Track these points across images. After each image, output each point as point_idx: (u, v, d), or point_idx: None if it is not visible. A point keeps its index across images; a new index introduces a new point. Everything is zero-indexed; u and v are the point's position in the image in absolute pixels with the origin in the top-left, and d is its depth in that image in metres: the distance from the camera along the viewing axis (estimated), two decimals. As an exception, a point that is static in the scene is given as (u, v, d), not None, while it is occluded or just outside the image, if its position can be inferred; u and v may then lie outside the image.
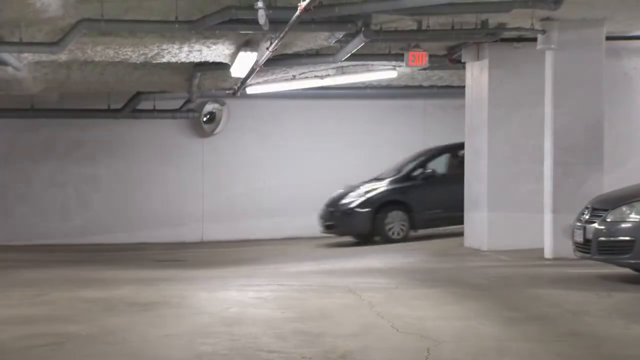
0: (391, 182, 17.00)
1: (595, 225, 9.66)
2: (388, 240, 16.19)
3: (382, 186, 17.00)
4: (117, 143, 19.14)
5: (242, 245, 17.63)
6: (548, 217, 12.58)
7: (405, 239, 16.19)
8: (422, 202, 16.49)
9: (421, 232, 16.47)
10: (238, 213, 19.12)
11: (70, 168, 18.88)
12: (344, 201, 16.89)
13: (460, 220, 15.09)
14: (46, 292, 9.42)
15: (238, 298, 8.76)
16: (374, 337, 6.56)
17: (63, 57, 13.11)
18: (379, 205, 16.51)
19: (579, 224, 9.98)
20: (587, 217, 9.88)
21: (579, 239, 9.89)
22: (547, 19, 12.14)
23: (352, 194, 16.98)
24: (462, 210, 14.83)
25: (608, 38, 12.71)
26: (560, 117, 12.45)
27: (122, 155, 19.07)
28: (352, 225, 16.98)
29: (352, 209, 16.66)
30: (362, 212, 16.54)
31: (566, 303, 8.19)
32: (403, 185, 16.94)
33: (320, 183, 19.23)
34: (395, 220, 16.44)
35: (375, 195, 16.77)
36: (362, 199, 16.71)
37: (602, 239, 9.56)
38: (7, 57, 12.48)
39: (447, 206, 16.07)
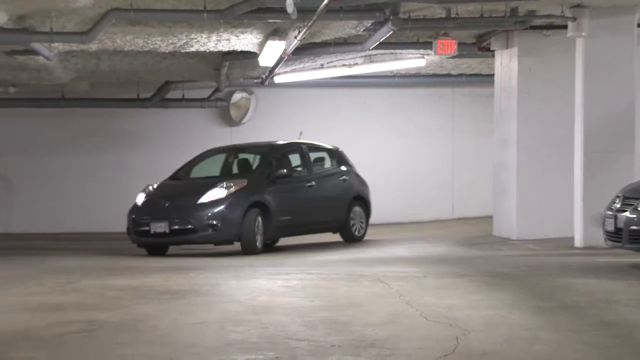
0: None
1: (627, 214, 9.64)
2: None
3: None
4: (146, 132, 19.23)
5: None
6: (578, 206, 12.53)
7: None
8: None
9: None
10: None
11: (100, 156, 18.99)
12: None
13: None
14: (77, 280, 9.51)
15: (267, 286, 8.80)
16: (402, 325, 6.56)
17: (93, 46, 13.21)
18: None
19: (610, 212, 9.95)
20: (618, 205, 9.86)
21: (610, 227, 9.86)
22: (578, 6, 12.07)
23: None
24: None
25: (640, 25, 12.62)
26: (591, 105, 12.39)
27: (151, 143, 19.15)
28: None
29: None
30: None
31: (597, 292, 8.16)
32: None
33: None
34: None
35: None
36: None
37: (634, 227, 9.54)
38: (38, 46, 12.58)
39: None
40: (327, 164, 15.49)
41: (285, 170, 14.11)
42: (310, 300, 7.82)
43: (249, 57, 14.82)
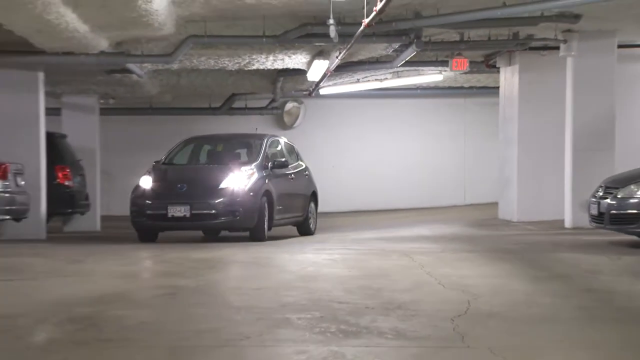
0: None
1: (608, 200, 9.57)
2: None
3: None
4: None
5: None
6: (568, 194, 12.47)
7: None
8: None
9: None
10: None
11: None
12: None
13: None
14: (164, 253, 9.60)
15: (313, 259, 8.81)
16: (424, 291, 6.55)
17: (175, 66, 13.32)
18: None
19: (594, 199, 9.89)
20: (601, 194, 9.79)
21: (594, 212, 9.80)
22: (568, 30, 11.98)
23: None
24: None
25: (619, 46, 12.52)
26: (578, 112, 12.35)
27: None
28: None
29: None
30: None
31: (583, 264, 8.10)
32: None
33: (376, 166, 19.31)
34: None
35: None
36: None
37: (614, 212, 9.48)
38: (132, 66, 12.72)
39: None
40: (293, 158, 12.97)
41: (283, 159, 12.02)
42: (348, 270, 7.84)
43: (299, 73, 14.86)
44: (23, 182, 11.68)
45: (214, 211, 10.63)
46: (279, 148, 12.52)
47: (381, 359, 4.43)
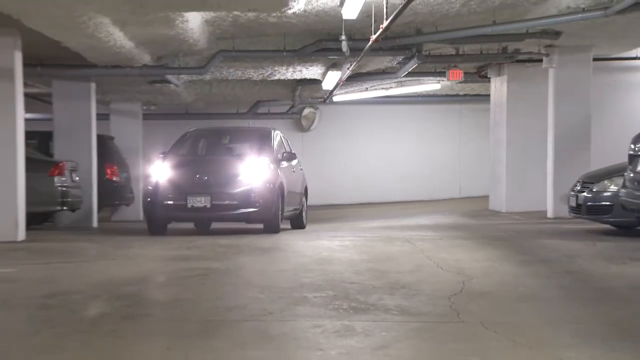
0: None
1: (585, 194, 9.53)
2: None
3: None
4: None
5: (328, 208, 17.72)
6: (550, 188, 12.41)
7: None
8: None
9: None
10: (326, 185, 19.21)
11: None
12: None
13: None
14: (196, 239, 9.61)
15: (327, 245, 8.81)
16: (424, 273, 6.55)
17: (207, 77, 13.35)
18: None
19: (572, 193, 9.85)
20: (578, 188, 9.74)
21: (573, 203, 9.76)
22: (550, 45, 11.92)
23: None
24: None
25: (595, 59, 12.46)
26: (559, 117, 12.29)
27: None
28: None
29: None
30: None
31: (563, 250, 8.05)
32: None
33: (382, 164, 19.25)
34: None
35: None
36: None
37: (590, 203, 9.44)
38: (171, 77, 12.76)
39: None
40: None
41: (292, 152, 10.83)
42: (358, 255, 7.84)
43: (315, 82, 14.86)
44: (77, 178, 11.76)
45: (235, 202, 9.40)
46: (279, 140, 11.19)
47: (387, 332, 4.43)
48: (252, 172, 9.64)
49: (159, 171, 9.84)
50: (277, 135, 11.15)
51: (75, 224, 12.10)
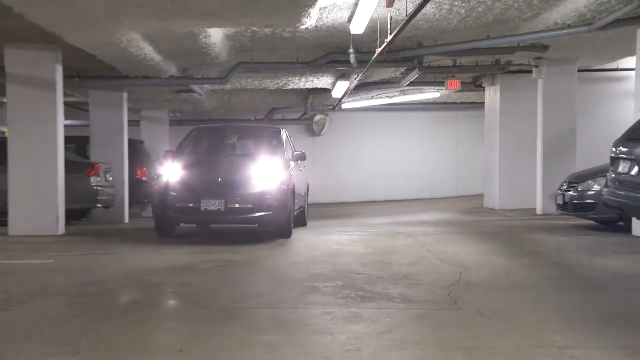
0: None
1: (571, 193, 9.50)
2: None
3: None
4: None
5: (338, 206, 17.72)
6: (539, 187, 12.37)
7: None
8: None
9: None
10: (335, 184, 19.23)
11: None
12: None
13: None
14: (220, 233, 9.56)
15: (337, 240, 8.81)
16: (425, 265, 6.55)
17: (227, 86, 13.37)
18: None
19: (560, 192, 9.82)
20: (565, 187, 9.71)
21: (560, 202, 9.73)
22: (539, 58, 11.87)
23: None
24: None
25: (580, 70, 12.41)
26: (547, 122, 12.25)
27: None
28: None
29: None
30: None
31: (551, 243, 8.02)
32: None
33: (387, 165, 19.22)
34: None
35: None
36: None
37: (575, 201, 9.41)
38: (195, 87, 12.79)
39: None
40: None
41: (302, 152, 9.66)
42: (365, 248, 7.84)
43: (326, 92, 14.85)
44: (111, 178, 11.82)
45: (249, 205, 8.09)
46: (286, 139, 10.08)
47: (391, 319, 4.43)
48: (267, 174, 8.39)
49: (170, 172, 8.52)
50: (285, 134, 10.03)
51: (109, 220, 12.16)
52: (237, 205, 8.10)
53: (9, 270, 6.44)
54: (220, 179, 8.31)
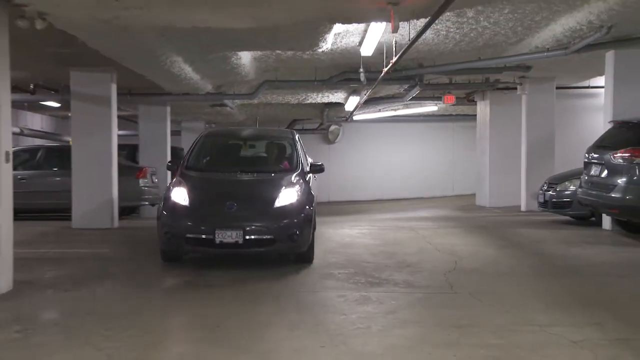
0: None
1: (550, 192, 9.44)
2: None
3: None
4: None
5: (350, 204, 17.70)
6: (523, 188, 12.29)
7: None
8: None
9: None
10: (348, 186, 19.22)
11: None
12: None
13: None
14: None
15: (349, 233, 8.80)
16: (425, 255, 6.55)
17: (255, 101, 13.40)
18: None
19: (540, 191, 9.76)
20: (545, 187, 9.65)
21: (541, 200, 9.66)
22: (523, 77, 11.81)
23: None
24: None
25: (557, 87, 12.37)
26: (530, 132, 12.18)
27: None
28: None
29: None
30: None
31: (533, 236, 7.99)
32: None
33: (391, 169, 19.19)
34: None
35: None
36: None
37: (554, 200, 9.34)
38: (227, 102, 12.83)
39: None
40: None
41: (320, 163, 7.06)
42: (373, 240, 7.84)
43: (339, 105, 14.85)
44: (156, 180, 11.93)
45: (270, 236, 5.70)
46: (301, 145, 7.29)
47: (396, 301, 4.46)
48: (287, 197, 5.97)
49: (177, 193, 6.04)
50: (298, 139, 7.35)
51: (154, 216, 12.24)
52: (257, 236, 5.70)
53: (73, 257, 6.54)
54: (236, 205, 5.80)
